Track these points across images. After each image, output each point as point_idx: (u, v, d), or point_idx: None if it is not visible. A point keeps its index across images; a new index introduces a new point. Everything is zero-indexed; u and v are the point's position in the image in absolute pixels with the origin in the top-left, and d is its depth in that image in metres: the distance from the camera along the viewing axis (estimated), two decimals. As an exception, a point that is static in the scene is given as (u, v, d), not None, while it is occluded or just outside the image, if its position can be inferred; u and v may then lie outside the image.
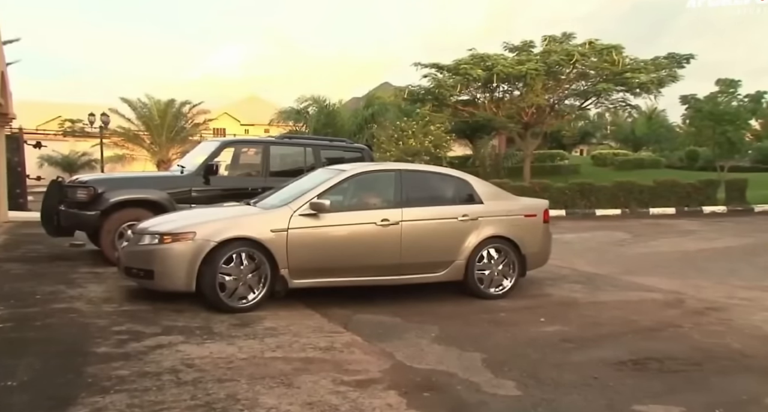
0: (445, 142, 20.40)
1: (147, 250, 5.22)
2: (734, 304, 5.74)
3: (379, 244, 5.65)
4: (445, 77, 21.40)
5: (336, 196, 5.65)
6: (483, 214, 6.02)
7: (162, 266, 5.11)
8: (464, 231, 5.91)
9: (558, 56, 19.89)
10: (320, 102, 23.27)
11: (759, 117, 27.42)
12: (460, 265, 5.88)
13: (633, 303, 5.82)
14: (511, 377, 3.71)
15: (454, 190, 6.26)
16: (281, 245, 5.24)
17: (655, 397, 3.42)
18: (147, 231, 5.39)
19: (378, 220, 5.60)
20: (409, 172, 6.26)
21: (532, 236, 6.26)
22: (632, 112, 26.64)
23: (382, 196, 5.91)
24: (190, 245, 5.05)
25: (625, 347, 4.37)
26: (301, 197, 5.53)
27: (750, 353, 4.29)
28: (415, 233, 5.74)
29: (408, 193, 5.87)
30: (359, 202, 5.90)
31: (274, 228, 5.26)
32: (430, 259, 5.84)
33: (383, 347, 4.28)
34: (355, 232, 5.59)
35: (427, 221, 5.83)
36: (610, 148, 45.75)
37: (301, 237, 5.33)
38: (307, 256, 5.37)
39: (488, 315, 5.34)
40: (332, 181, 5.72)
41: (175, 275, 5.08)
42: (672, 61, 20.52)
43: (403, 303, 5.69)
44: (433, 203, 6.02)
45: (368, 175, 6.15)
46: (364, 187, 6.03)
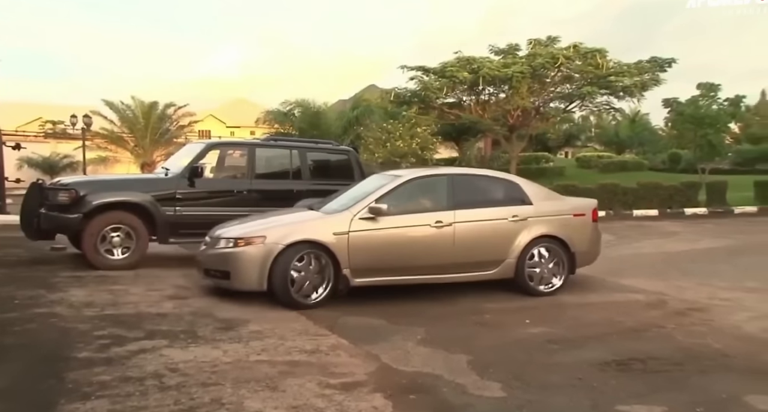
0: (432, 145, 20.43)
1: (223, 253, 5.66)
2: (715, 304, 5.81)
3: (433, 244, 5.97)
4: (432, 80, 21.42)
5: (392, 201, 5.92)
6: (532, 214, 6.29)
7: (236, 268, 5.54)
8: (514, 231, 6.19)
9: (543, 59, 20.00)
10: (305, 104, 23.22)
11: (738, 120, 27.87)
12: (510, 263, 6.15)
13: (617, 304, 5.87)
14: (497, 378, 3.72)
15: (504, 192, 6.54)
16: (343, 246, 5.61)
17: (638, 397, 3.45)
18: (223, 236, 5.81)
19: (432, 222, 5.92)
20: (460, 176, 6.68)
21: (581, 234, 6.49)
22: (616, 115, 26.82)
23: (436, 200, 6.19)
24: (261, 248, 5.46)
25: (610, 348, 4.40)
26: (360, 202, 5.88)
27: (730, 352, 4.34)
28: (467, 234, 6.03)
29: (460, 196, 6.18)
30: (414, 206, 6.15)
31: (337, 231, 5.64)
32: (481, 258, 6.12)
33: (369, 350, 4.27)
34: (410, 233, 5.94)
35: (478, 222, 6.12)
36: (594, 151, 46.15)
37: (362, 239, 5.69)
38: (366, 256, 5.72)
39: (474, 317, 5.35)
40: (389, 186, 6.06)
41: (248, 275, 5.50)
42: (655, 65, 20.72)
43: (389, 305, 5.69)
44: (484, 205, 6.29)
45: (422, 180, 6.46)
46: (418, 192, 6.32)
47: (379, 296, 5.93)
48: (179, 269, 7.24)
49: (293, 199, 8.21)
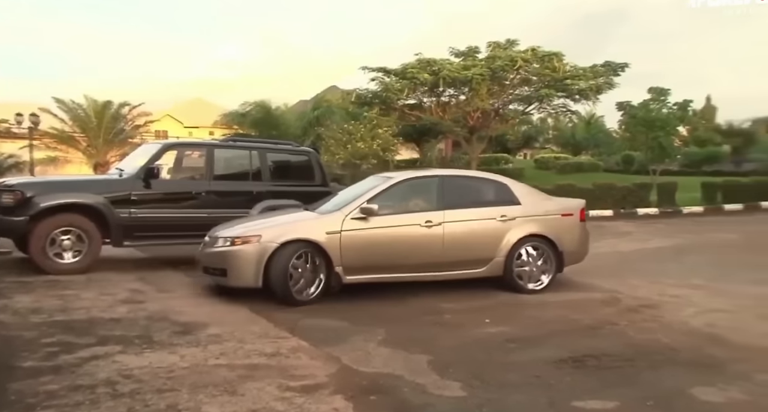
0: (393, 146, 20.53)
1: (221, 251, 5.86)
2: (665, 301, 6.01)
3: (423, 243, 6.15)
4: (393, 81, 21.50)
5: (384, 201, 6.14)
6: (521, 214, 6.46)
7: (233, 265, 5.75)
8: (503, 230, 6.36)
9: (502, 62, 20.33)
10: (264, 105, 22.97)
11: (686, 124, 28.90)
12: (499, 262, 6.32)
13: (574, 303, 6.00)
14: (457, 378, 3.75)
15: (493, 193, 6.74)
16: (335, 245, 5.83)
17: (592, 393, 3.54)
18: (220, 235, 6.02)
19: (422, 221, 6.12)
20: (450, 177, 6.90)
21: (569, 234, 6.64)
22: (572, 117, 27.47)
23: (426, 200, 6.40)
24: (257, 246, 5.68)
25: (566, 346, 4.49)
26: (352, 203, 6.09)
27: (678, 347, 4.50)
28: (456, 233, 6.21)
29: (449, 197, 6.37)
30: (405, 206, 6.37)
31: (329, 230, 5.85)
32: (470, 256, 6.28)
33: (330, 352, 4.25)
34: (401, 233, 6.11)
35: (467, 222, 6.30)
36: (552, 152, 47.14)
37: (353, 238, 5.90)
38: (358, 255, 5.93)
39: (435, 317, 5.39)
40: (380, 188, 6.27)
41: (244, 272, 5.71)
42: (608, 69, 21.32)
43: (350, 307, 5.68)
44: (473, 205, 6.48)
45: (413, 181, 6.67)
46: (409, 193, 6.52)
47: (340, 297, 5.91)
48: (135, 272, 7.06)
49: (253, 201, 8.13)
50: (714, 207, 17.07)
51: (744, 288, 6.64)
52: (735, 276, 7.33)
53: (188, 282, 6.76)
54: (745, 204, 17.41)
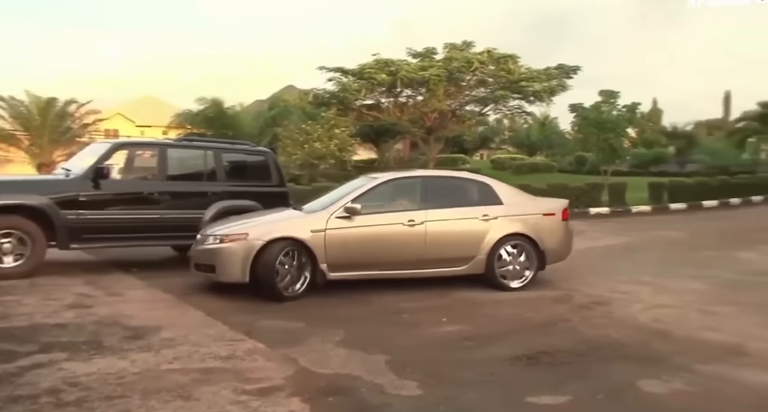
0: (350, 146, 20.50)
1: (210, 248, 6.06)
2: (615, 297, 6.20)
3: (405, 242, 6.33)
4: (350, 81, 21.50)
5: (368, 201, 6.33)
6: (502, 213, 6.61)
7: (221, 262, 5.94)
8: (484, 229, 6.50)
9: (459, 63, 20.61)
10: (220, 104, 22.58)
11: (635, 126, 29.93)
12: (481, 260, 6.46)
13: (528, 301, 6.11)
14: (414, 377, 3.78)
15: (475, 193, 6.89)
16: (320, 243, 6.02)
17: (546, 388, 3.62)
18: (210, 234, 6.23)
19: (405, 220, 6.30)
20: (433, 178, 7.22)
21: (551, 233, 6.76)
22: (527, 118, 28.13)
23: (409, 200, 6.59)
24: (244, 244, 5.87)
25: (521, 343, 4.58)
26: (337, 202, 6.30)
27: (627, 342, 4.65)
28: (439, 232, 6.37)
29: (432, 197, 6.58)
30: (389, 206, 6.55)
31: (314, 229, 6.05)
32: (452, 254, 6.44)
33: (287, 353, 4.21)
34: (384, 231, 6.28)
35: (449, 221, 6.46)
36: (508, 153, 47.93)
37: (338, 236, 6.08)
38: (342, 252, 6.11)
39: (393, 317, 5.41)
40: (365, 188, 6.49)
41: (231, 268, 5.90)
42: (561, 71, 21.91)
43: (308, 308, 5.64)
44: (455, 205, 6.63)
45: (396, 181, 6.87)
46: (393, 192, 6.73)
47: (297, 299, 5.87)
48: (83, 276, 6.81)
49: (208, 202, 7.97)
50: (660, 206, 17.70)
51: (687, 284, 6.92)
52: (679, 272, 7.63)
53: (140, 285, 6.57)
54: (688, 203, 18.14)
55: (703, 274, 7.42)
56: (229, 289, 6.02)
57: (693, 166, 35.53)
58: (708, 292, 6.55)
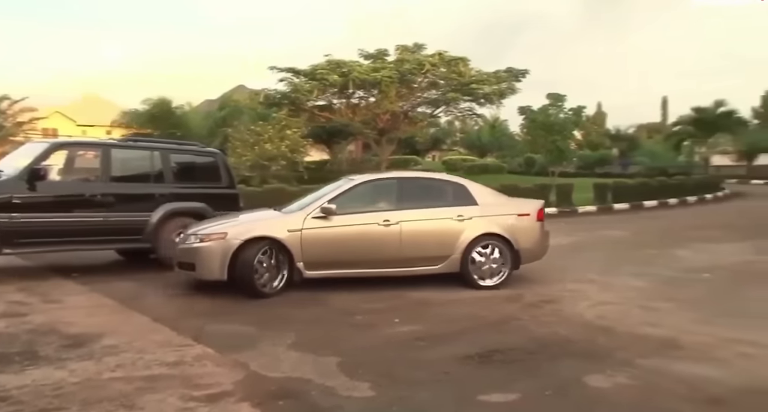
0: (302, 147, 20.31)
1: (191, 247, 6.26)
2: (563, 296, 6.35)
3: (381, 241, 6.46)
4: (302, 82, 21.32)
5: (345, 202, 6.49)
6: (477, 214, 6.73)
7: (201, 260, 6.15)
8: (459, 229, 6.62)
9: (410, 65, 20.77)
10: (167, 103, 21.97)
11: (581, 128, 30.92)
12: (455, 259, 6.59)
13: (480, 300, 6.18)
14: (366, 378, 3.76)
15: (451, 193, 7.00)
16: (296, 242, 6.20)
17: (497, 386, 3.67)
18: (192, 233, 6.41)
19: (380, 221, 6.45)
20: (409, 179, 7.38)
21: (525, 233, 6.87)
22: (478, 120, 28.63)
23: (386, 201, 6.75)
24: (222, 243, 6.06)
25: (473, 342, 4.63)
26: (314, 203, 6.50)
27: (574, 338, 4.78)
28: (413, 232, 6.52)
29: (408, 197, 6.73)
30: (365, 206, 6.66)
31: (291, 228, 6.23)
32: (427, 254, 6.59)
33: (236, 358, 4.12)
34: (359, 231, 6.43)
35: (424, 221, 6.61)
36: (459, 154, 48.57)
37: (314, 236, 6.26)
38: (318, 251, 6.28)
39: (345, 318, 5.38)
40: (341, 189, 6.69)
41: (210, 267, 6.09)
42: (510, 75, 22.39)
43: (258, 311, 5.56)
44: (430, 205, 6.78)
45: (373, 183, 7.07)
46: (370, 193, 6.89)
47: (247, 302, 5.78)
48: (16, 282, 6.48)
49: (155, 204, 7.74)
50: (605, 206, 18.31)
51: (629, 281, 7.16)
52: (622, 270, 7.90)
53: (81, 291, 6.31)
54: (631, 203, 18.85)
55: (644, 271, 7.71)
56: (177, 294, 5.88)
57: (634, 168, 36.99)
58: (648, 289, 6.80)
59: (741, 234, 11.94)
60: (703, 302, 6.12)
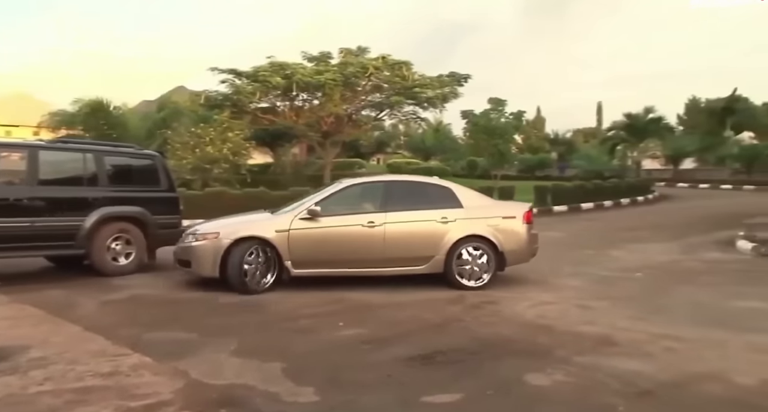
0: (245, 150, 19.95)
1: (188, 246, 6.76)
2: (504, 297, 6.49)
3: (365, 242, 6.69)
4: (244, 84, 20.93)
5: (333, 204, 6.82)
6: (461, 216, 6.88)
7: (195, 258, 6.66)
8: (443, 231, 6.79)
9: (354, 68, 20.75)
10: (101, 104, 21.09)
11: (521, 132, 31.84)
12: (439, 260, 6.77)
13: (424, 302, 6.24)
14: (311, 383, 3.73)
15: (437, 196, 7.15)
16: (284, 242, 6.53)
17: (440, 387, 3.71)
18: (191, 233, 6.87)
19: (365, 222, 6.68)
20: (395, 182, 7.54)
21: (510, 235, 6.98)
22: (422, 124, 28.91)
23: (372, 203, 6.97)
24: (215, 242, 6.51)
25: (417, 344, 4.67)
26: (303, 204, 6.80)
27: (515, 338, 4.89)
28: (397, 233, 6.72)
29: (393, 200, 6.92)
30: (352, 208, 6.92)
31: (279, 229, 6.58)
32: (411, 254, 6.78)
33: (176, 366, 4.00)
34: (344, 232, 6.69)
35: (407, 223, 6.80)
36: (403, 157, 48.98)
37: (300, 236, 6.58)
38: (304, 251, 6.58)
39: (289, 324, 5.32)
40: (329, 191, 7.05)
41: (204, 264, 6.58)
42: (453, 79, 22.73)
43: (201, 318, 5.43)
44: (415, 208, 6.93)
45: (360, 186, 7.43)
46: (357, 196, 7.20)
47: (190, 309, 5.61)
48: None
49: (88, 208, 7.42)
50: (545, 208, 18.89)
51: (568, 281, 7.42)
52: (561, 270, 8.17)
53: (4, 300, 5.97)
54: (569, 206, 19.55)
55: (581, 271, 8.01)
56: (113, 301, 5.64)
57: (572, 171, 38.38)
58: (585, 288, 7.06)
59: (669, 234, 12.60)
60: (635, 300, 6.41)
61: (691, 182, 35.97)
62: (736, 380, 3.89)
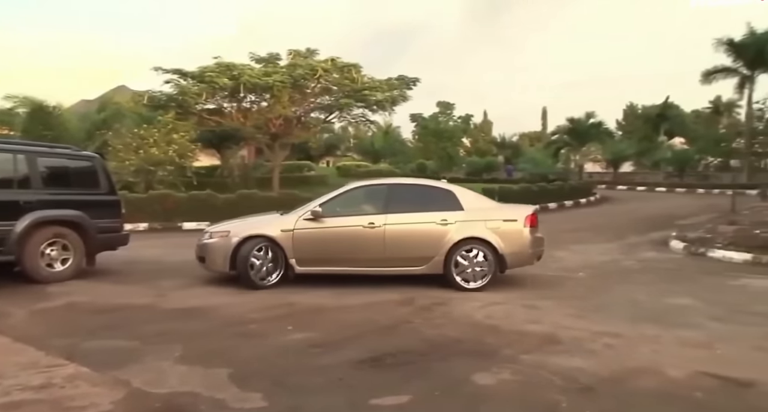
0: (191, 152, 19.48)
1: (204, 243, 7.28)
2: (453, 298, 6.56)
3: (365, 242, 6.94)
4: (190, 84, 20.40)
5: (336, 205, 7.17)
6: (462, 219, 7.01)
7: (209, 254, 7.18)
8: (442, 233, 6.93)
9: (303, 70, 20.56)
10: (36, 102, 20.12)
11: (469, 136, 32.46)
12: (438, 261, 6.92)
13: (374, 305, 6.25)
14: (259, 388, 3.68)
15: (438, 199, 7.26)
16: (288, 240, 6.93)
17: (389, 389, 3.73)
18: (208, 231, 7.42)
19: (365, 223, 6.95)
20: (398, 185, 7.86)
21: (510, 238, 7.02)
22: (371, 127, 28.97)
23: (373, 205, 7.22)
24: (225, 240, 7.02)
25: (367, 346, 4.67)
26: (308, 206, 7.14)
27: (463, 339, 4.96)
28: (397, 234, 6.93)
29: (395, 202, 7.14)
30: (354, 210, 7.21)
31: (284, 229, 6.98)
32: (410, 255, 6.97)
33: (117, 375, 3.86)
34: (345, 232, 6.98)
35: (407, 225, 7.00)
36: (353, 160, 49.00)
37: (304, 235, 6.95)
38: (308, 249, 6.95)
39: (236, 328, 5.22)
40: (334, 194, 7.34)
41: (216, 260, 7.11)
42: (402, 82, 22.86)
43: (143, 325, 5.24)
44: (416, 210, 7.11)
45: (364, 188, 7.67)
46: (360, 198, 7.45)
47: (132, 315, 5.43)
48: None
49: (19, 212, 7.05)
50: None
51: (514, 281, 7.57)
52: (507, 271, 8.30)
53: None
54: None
55: (527, 272, 8.16)
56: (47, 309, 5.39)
57: (518, 174, 39.33)
58: (531, 288, 7.25)
59: (609, 235, 13.09)
60: (577, 299, 6.62)
61: (630, 185, 37.57)
62: (668, 373, 4.08)
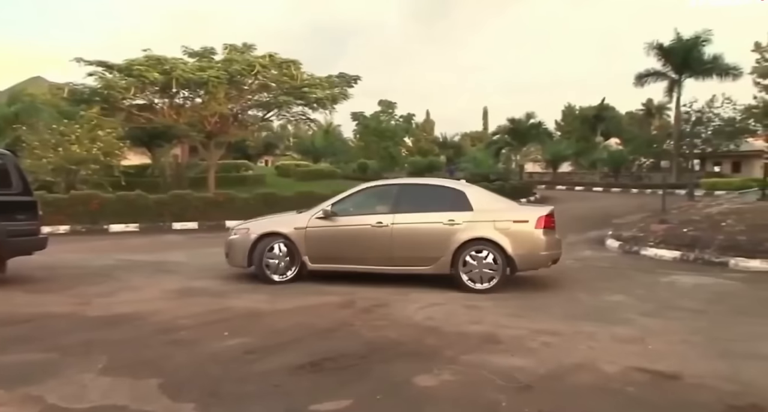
0: (119, 150, 18.60)
1: (228, 240, 7.72)
2: (394, 299, 6.49)
3: (373, 241, 7.11)
4: (116, 78, 19.43)
5: (347, 204, 7.44)
6: (470, 219, 6.97)
7: (231, 251, 7.64)
8: (449, 233, 6.93)
9: (240, 66, 20.03)
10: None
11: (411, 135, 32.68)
12: (445, 261, 6.93)
13: (313, 308, 6.11)
14: (191, 398, 3.49)
15: (448, 199, 7.26)
16: (301, 238, 7.27)
17: (329, 394, 3.61)
18: (233, 228, 7.90)
19: (373, 222, 7.12)
20: (408, 185, 8.02)
21: (520, 239, 6.92)
22: (311, 125, 28.61)
23: (383, 205, 7.37)
24: (245, 237, 7.45)
25: (305, 351, 4.53)
26: (320, 205, 7.44)
27: (404, 340, 4.90)
28: (404, 233, 7.05)
29: (403, 202, 7.26)
30: (364, 209, 7.39)
31: (297, 227, 7.33)
32: (417, 254, 7.05)
33: (29, 392, 3.55)
34: (354, 231, 7.20)
35: (414, 224, 7.08)
36: (292, 159, 48.30)
37: (316, 233, 7.27)
38: (319, 247, 7.27)
39: (167, 336, 4.95)
40: (345, 194, 7.62)
41: (236, 256, 7.54)
42: (343, 80, 22.68)
43: (63, 335, 4.90)
44: (424, 210, 7.17)
45: (374, 188, 7.87)
46: (370, 198, 7.64)
47: (50, 325, 5.08)
48: None
49: None
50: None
51: (453, 282, 7.52)
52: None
53: None
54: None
55: (465, 270, 8.24)
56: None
57: (460, 174, 39.93)
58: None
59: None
60: (517, 299, 6.70)
61: (568, 185, 38.90)
62: (603, 369, 4.17)
